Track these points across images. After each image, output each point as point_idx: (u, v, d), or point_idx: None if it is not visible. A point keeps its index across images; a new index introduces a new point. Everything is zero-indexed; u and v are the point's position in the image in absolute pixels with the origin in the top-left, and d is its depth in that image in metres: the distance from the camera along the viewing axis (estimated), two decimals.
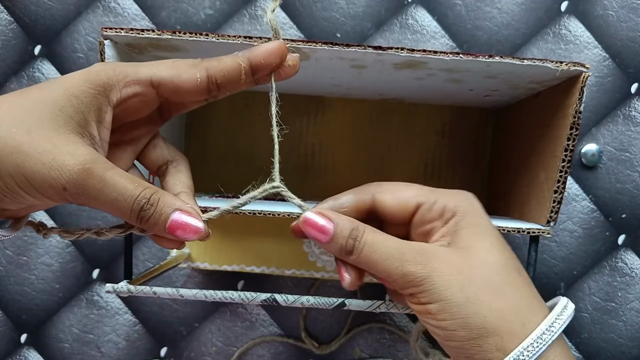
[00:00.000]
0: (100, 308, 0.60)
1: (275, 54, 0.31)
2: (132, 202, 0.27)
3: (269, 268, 0.54)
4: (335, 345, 0.59)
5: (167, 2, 0.58)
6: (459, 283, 0.28)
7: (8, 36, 0.59)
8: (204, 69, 0.30)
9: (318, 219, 0.30)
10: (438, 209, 0.30)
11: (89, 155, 0.27)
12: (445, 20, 0.58)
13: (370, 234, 0.30)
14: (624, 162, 0.58)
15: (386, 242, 0.29)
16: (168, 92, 0.29)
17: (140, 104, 0.29)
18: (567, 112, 0.38)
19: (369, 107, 0.57)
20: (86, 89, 0.28)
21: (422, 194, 0.31)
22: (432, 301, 0.28)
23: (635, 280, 0.58)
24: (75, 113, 0.27)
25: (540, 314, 0.28)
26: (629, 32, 0.58)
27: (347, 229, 0.30)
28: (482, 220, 0.30)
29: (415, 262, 0.28)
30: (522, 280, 0.29)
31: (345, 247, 0.30)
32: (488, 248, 0.29)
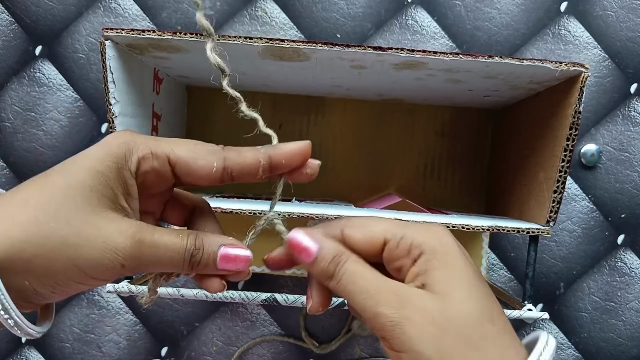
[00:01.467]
0: (101, 308, 0.60)
1: (299, 156, 0.30)
2: (184, 253, 0.28)
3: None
4: (335, 345, 0.59)
5: (168, 3, 0.59)
6: (432, 335, 0.27)
7: (9, 37, 0.59)
8: (222, 159, 0.29)
9: (303, 239, 0.30)
10: (404, 246, 0.29)
11: (134, 226, 0.27)
12: (445, 21, 0.58)
13: (353, 263, 0.29)
14: (623, 162, 0.58)
15: (365, 276, 0.28)
16: (182, 172, 0.29)
17: (157, 179, 0.29)
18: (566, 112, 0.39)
19: (369, 107, 0.57)
20: (110, 164, 0.27)
21: (389, 229, 0.30)
22: (403, 350, 0.27)
23: (634, 280, 0.58)
24: (105, 190, 0.27)
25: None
26: (628, 32, 0.58)
27: (330, 253, 0.29)
28: (451, 259, 0.29)
29: (388, 305, 0.27)
30: (496, 331, 0.28)
31: (327, 271, 0.29)
32: (463, 297, 0.28)
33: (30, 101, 0.59)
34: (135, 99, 0.42)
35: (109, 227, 0.27)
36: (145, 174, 0.29)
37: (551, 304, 0.59)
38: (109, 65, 0.38)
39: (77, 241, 0.26)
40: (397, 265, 0.30)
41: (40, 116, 0.59)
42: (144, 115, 0.45)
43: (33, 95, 0.59)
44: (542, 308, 0.59)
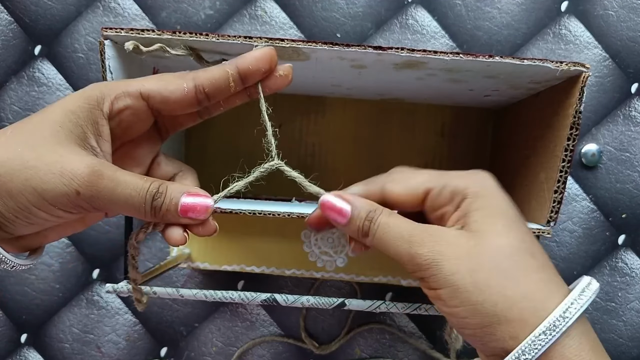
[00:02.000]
0: (100, 308, 0.60)
1: (264, 60, 0.31)
2: (145, 194, 0.29)
3: (269, 268, 0.54)
4: (335, 346, 0.59)
5: (168, 2, 0.58)
6: (468, 268, 0.27)
7: (8, 36, 0.59)
8: (190, 79, 0.30)
9: (336, 201, 0.30)
10: (447, 193, 0.30)
11: (96, 160, 0.28)
12: (445, 20, 0.58)
13: (386, 216, 0.30)
14: (624, 162, 0.58)
15: (399, 224, 0.29)
16: (157, 104, 0.30)
17: (133, 117, 0.30)
18: (567, 112, 0.38)
19: (369, 107, 0.57)
20: (82, 104, 0.29)
21: (431, 179, 0.30)
22: (441, 286, 0.28)
23: (635, 280, 0.58)
24: (74, 127, 0.28)
25: (556, 299, 0.27)
26: (629, 32, 0.58)
27: (364, 210, 0.30)
28: (494, 200, 0.29)
29: (422, 244, 0.28)
30: (536, 264, 0.28)
31: (362, 229, 0.30)
32: (499, 231, 0.28)
33: (29, 101, 0.59)
34: None
35: (71, 156, 0.28)
36: (120, 113, 0.30)
37: None
38: (108, 64, 0.38)
39: (36, 164, 0.27)
40: (440, 213, 0.30)
41: None
42: None
43: (32, 95, 0.59)
44: None
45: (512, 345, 0.27)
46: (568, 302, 0.27)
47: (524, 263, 0.28)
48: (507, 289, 0.27)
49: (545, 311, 0.27)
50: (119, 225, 0.59)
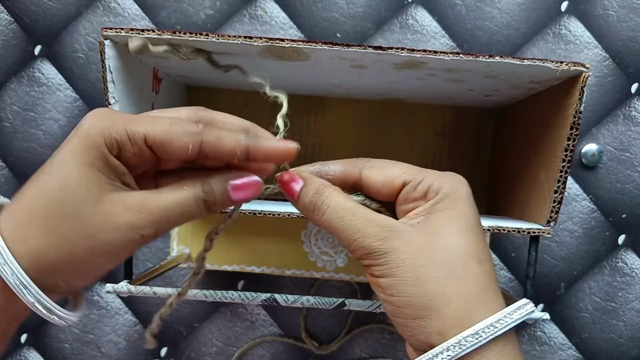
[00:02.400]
0: (100, 308, 0.60)
1: (279, 157, 0.31)
2: (197, 202, 0.29)
3: (269, 268, 0.54)
4: (335, 346, 0.59)
5: (167, 2, 0.58)
6: (414, 263, 0.28)
7: (8, 36, 0.59)
8: (198, 142, 0.29)
9: (290, 176, 0.31)
10: (422, 189, 0.30)
11: (138, 198, 0.28)
12: (445, 20, 0.58)
13: (338, 198, 0.30)
14: (624, 162, 0.58)
15: (354, 212, 0.29)
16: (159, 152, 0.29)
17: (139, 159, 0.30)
18: (567, 112, 0.38)
19: (369, 107, 0.57)
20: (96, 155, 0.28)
21: (409, 173, 0.31)
22: (384, 276, 0.28)
23: (635, 280, 0.58)
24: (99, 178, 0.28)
25: (491, 308, 0.28)
26: (629, 32, 0.58)
27: (312, 188, 0.30)
28: (461, 205, 0.30)
29: (376, 238, 0.29)
30: (481, 270, 0.29)
31: (309, 205, 0.30)
32: (454, 233, 0.29)
33: (29, 101, 0.59)
34: (135, 98, 0.42)
35: (115, 208, 0.28)
36: (127, 158, 0.29)
37: (552, 304, 0.59)
38: (108, 65, 0.38)
39: (91, 231, 0.27)
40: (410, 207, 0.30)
41: (40, 116, 0.59)
42: None
43: (32, 95, 0.59)
44: (542, 308, 0.59)
45: (438, 340, 0.27)
46: (501, 314, 0.28)
47: (469, 267, 0.28)
48: (447, 287, 0.28)
49: (478, 316, 0.27)
50: None
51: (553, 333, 0.59)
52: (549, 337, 0.59)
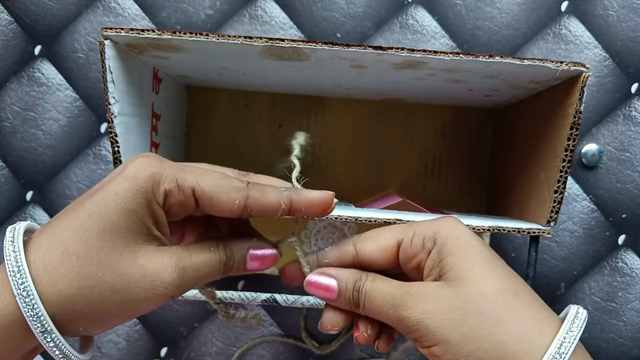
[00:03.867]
0: None
1: (320, 207, 0.30)
2: (219, 265, 0.30)
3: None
4: (335, 345, 0.59)
5: (167, 2, 0.58)
6: (453, 321, 0.27)
7: (8, 36, 0.59)
8: (244, 198, 0.29)
9: (321, 279, 0.31)
10: (418, 241, 0.29)
11: (174, 256, 0.28)
12: (445, 20, 0.58)
13: (370, 282, 0.30)
14: (624, 162, 0.58)
15: (382, 288, 0.29)
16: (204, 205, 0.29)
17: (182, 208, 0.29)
18: (567, 112, 0.38)
19: (369, 107, 0.57)
20: (140, 201, 0.27)
21: (400, 231, 0.30)
22: (432, 343, 0.27)
23: (635, 280, 0.58)
24: (139, 226, 0.27)
25: (548, 335, 0.27)
26: (629, 32, 0.58)
27: (351, 281, 0.30)
28: (466, 242, 0.29)
29: (406, 307, 0.28)
30: (521, 303, 0.27)
31: (352, 301, 0.30)
32: (478, 275, 0.28)
33: (29, 101, 0.59)
34: (135, 98, 0.42)
35: (151, 263, 0.27)
36: (170, 205, 0.29)
37: (552, 304, 0.59)
38: (108, 65, 0.38)
39: (124, 286, 0.27)
40: (415, 263, 0.30)
41: (40, 116, 0.59)
42: (144, 115, 0.44)
43: (32, 95, 0.59)
44: None
45: None
46: (561, 336, 0.26)
47: (509, 304, 0.27)
48: (495, 334, 0.26)
49: (540, 351, 0.26)
50: None
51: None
52: None
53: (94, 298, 0.27)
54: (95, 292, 0.27)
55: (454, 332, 0.27)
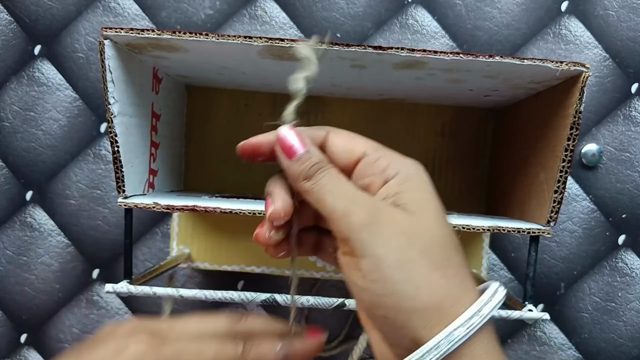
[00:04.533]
0: (100, 308, 0.60)
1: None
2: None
3: (269, 268, 0.54)
4: (335, 345, 0.59)
5: (167, 2, 0.58)
6: (398, 244, 0.26)
7: (8, 36, 0.59)
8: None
9: (293, 139, 0.30)
10: (381, 165, 0.29)
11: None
12: (445, 20, 0.58)
13: (334, 172, 0.29)
14: (624, 162, 0.58)
15: (345, 185, 0.28)
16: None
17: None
18: (567, 112, 0.38)
19: (369, 107, 0.57)
20: None
21: (370, 146, 0.30)
22: (365, 255, 0.26)
23: (635, 281, 0.58)
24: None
25: (470, 297, 0.26)
26: (629, 32, 0.58)
27: (315, 158, 0.29)
28: (427, 187, 0.29)
29: (362, 210, 0.27)
30: (459, 260, 0.27)
31: (306, 172, 0.29)
32: (435, 217, 0.27)
33: (29, 101, 0.59)
34: (135, 98, 0.42)
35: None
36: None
37: (552, 304, 0.59)
38: (108, 64, 0.38)
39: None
40: (367, 182, 0.29)
41: (40, 116, 0.59)
42: (143, 115, 0.44)
43: (32, 94, 0.59)
44: (542, 309, 0.59)
45: (424, 335, 0.25)
46: (482, 301, 0.26)
47: (450, 255, 0.27)
48: (431, 275, 0.26)
49: (461, 307, 0.26)
50: (119, 225, 0.59)
51: (553, 333, 0.59)
52: (548, 338, 0.59)
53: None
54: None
55: (393, 253, 0.26)
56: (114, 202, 0.59)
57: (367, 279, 0.26)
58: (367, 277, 0.26)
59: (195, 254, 0.55)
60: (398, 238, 0.26)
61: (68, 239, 0.60)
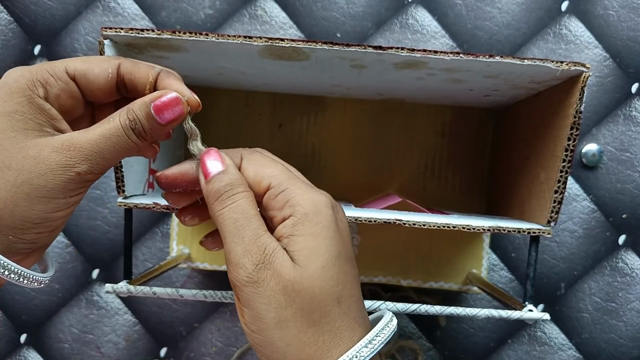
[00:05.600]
0: (100, 308, 0.60)
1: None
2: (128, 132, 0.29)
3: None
4: None
5: (167, 2, 0.58)
6: (278, 303, 0.28)
7: (8, 36, 0.59)
8: (116, 65, 0.30)
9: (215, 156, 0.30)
10: (282, 199, 0.29)
11: (65, 137, 0.28)
12: (445, 20, 0.58)
13: (248, 200, 0.29)
14: (625, 162, 0.58)
15: (251, 221, 0.28)
16: (83, 86, 0.30)
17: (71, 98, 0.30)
18: (567, 112, 0.38)
19: (369, 107, 0.57)
20: (19, 99, 0.28)
21: (276, 177, 0.30)
22: (248, 307, 0.28)
23: (635, 281, 0.58)
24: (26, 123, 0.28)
25: (344, 347, 0.28)
26: (629, 32, 0.58)
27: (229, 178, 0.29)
28: (322, 230, 0.29)
29: (253, 261, 0.28)
30: (338, 312, 0.28)
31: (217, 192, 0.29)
32: (318, 271, 0.28)
33: None
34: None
35: (43, 151, 0.28)
36: (57, 97, 0.29)
37: (552, 304, 0.59)
38: None
39: (25, 178, 0.27)
40: (270, 215, 0.30)
41: None
42: None
43: None
44: (543, 309, 0.59)
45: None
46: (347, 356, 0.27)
47: (327, 311, 0.28)
48: (303, 332, 0.27)
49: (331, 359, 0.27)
50: (119, 225, 0.59)
51: (553, 333, 0.59)
52: (549, 338, 0.59)
53: (2, 199, 0.27)
54: (1, 193, 0.27)
55: (271, 311, 0.27)
56: (113, 202, 0.59)
57: (248, 327, 0.28)
58: (249, 326, 0.28)
59: (195, 254, 0.54)
60: (278, 296, 0.27)
61: (67, 238, 0.60)
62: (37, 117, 0.28)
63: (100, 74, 0.30)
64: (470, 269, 0.55)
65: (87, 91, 0.30)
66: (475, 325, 0.59)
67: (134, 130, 0.29)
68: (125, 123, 0.29)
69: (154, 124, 0.30)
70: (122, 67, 0.30)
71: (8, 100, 0.28)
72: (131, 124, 0.29)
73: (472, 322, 0.59)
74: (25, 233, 0.28)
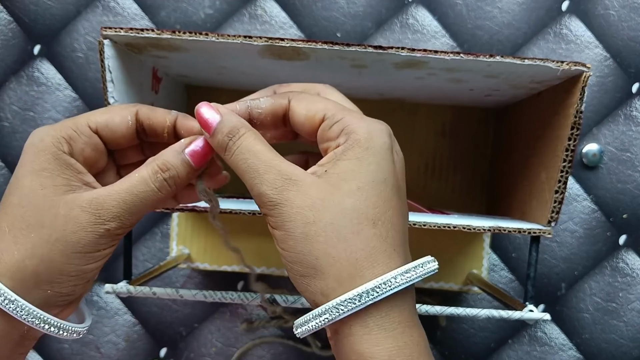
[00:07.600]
0: (99, 308, 0.60)
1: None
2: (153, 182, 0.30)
3: (269, 268, 0.54)
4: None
5: (167, 2, 0.58)
6: (304, 219, 0.27)
7: (7, 36, 0.59)
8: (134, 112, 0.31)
9: (206, 112, 0.30)
10: (337, 128, 0.29)
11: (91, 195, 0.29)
12: (445, 20, 0.58)
13: (250, 139, 0.29)
14: (625, 162, 0.58)
15: (259, 154, 0.28)
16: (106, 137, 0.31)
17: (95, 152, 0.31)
18: (568, 112, 0.38)
19: (369, 107, 0.56)
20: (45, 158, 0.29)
21: (330, 109, 0.29)
22: (277, 228, 0.28)
23: (636, 281, 0.58)
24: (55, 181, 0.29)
25: (377, 272, 0.27)
26: (630, 31, 0.58)
27: (228, 126, 0.29)
28: (370, 157, 0.28)
29: (272, 186, 0.28)
30: (373, 233, 0.27)
31: (221, 144, 0.29)
32: (352, 191, 0.27)
33: (28, 100, 0.59)
34: (134, 98, 0.42)
35: (73, 210, 0.29)
36: (81, 151, 0.30)
37: (552, 304, 0.59)
38: (107, 64, 0.37)
39: (58, 236, 0.28)
40: (325, 147, 0.30)
41: (39, 116, 0.59)
42: None
43: (31, 94, 0.59)
44: (543, 309, 0.59)
45: (321, 300, 0.27)
46: (383, 278, 0.26)
47: (360, 228, 0.27)
48: (332, 248, 0.27)
49: (361, 280, 0.26)
50: None
51: (554, 334, 0.59)
52: (549, 338, 0.59)
53: (39, 256, 0.28)
54: (37, 250, 0.28)
55: (299, 228, 0.27)
56: None
57: (279, 246, 0.28)
58: (280, 245, 0.28)
59: (195, 255, 0.54)
60: (305, 212, 0.27)
61: None
62: (64, 172, 0.29)
63: (121, 123, 0.31)
64: (471, 269, 0.55)
65: (110, 140, 0.31)
66: (476, 326, 0.59)
67: (167, 181, 0.30)
68: (156, 176, 0.30)
69: (190, 169, 0.31)
70: (139, 114, 0.31)
71: (36, 159, 0.29)
72: (164, 174, 0.30)
73: (473, 323, 0.59)
74: (63, 287, 0.29)
